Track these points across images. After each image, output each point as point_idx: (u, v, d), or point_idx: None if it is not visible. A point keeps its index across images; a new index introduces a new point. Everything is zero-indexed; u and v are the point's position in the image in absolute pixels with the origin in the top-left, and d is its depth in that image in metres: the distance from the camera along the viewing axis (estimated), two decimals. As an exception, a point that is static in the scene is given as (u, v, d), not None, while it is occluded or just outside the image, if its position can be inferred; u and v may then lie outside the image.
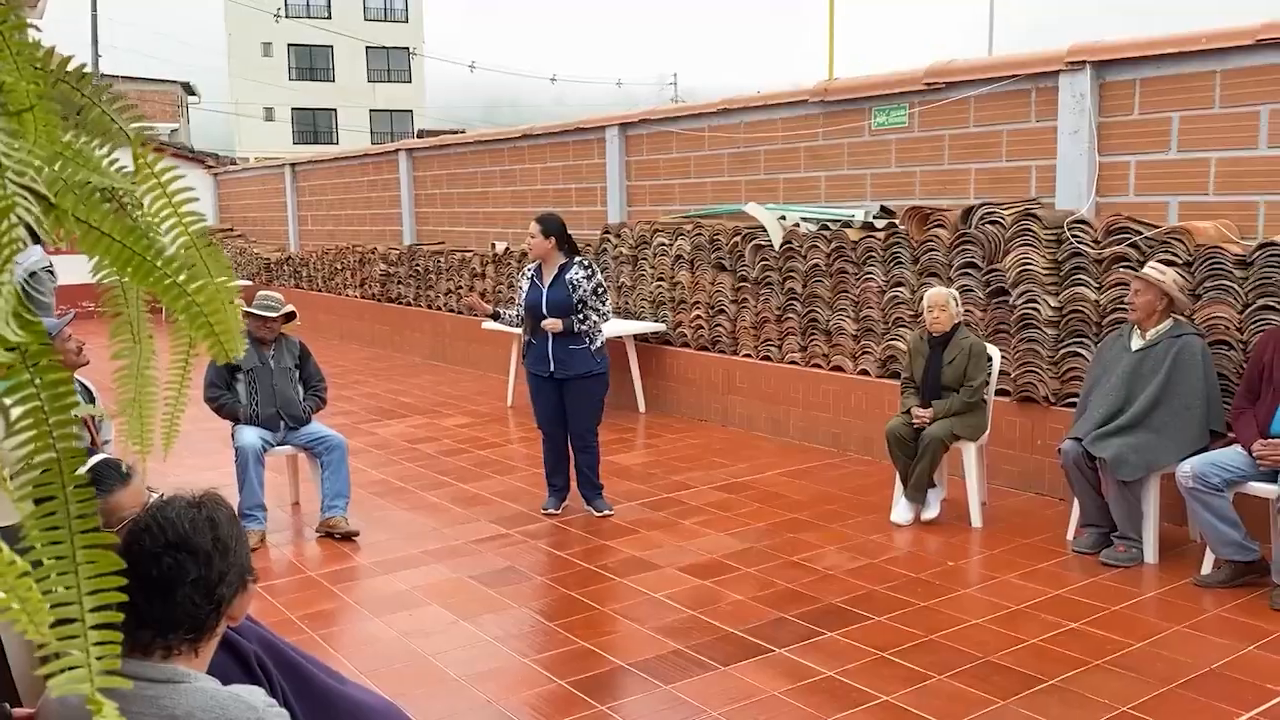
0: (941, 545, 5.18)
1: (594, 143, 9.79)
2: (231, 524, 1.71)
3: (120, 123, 0.79)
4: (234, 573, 1.68)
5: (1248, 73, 5.31)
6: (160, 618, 1.58)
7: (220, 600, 1.65)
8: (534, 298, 5.66)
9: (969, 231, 6.16)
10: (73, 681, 0.62)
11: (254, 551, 4.23)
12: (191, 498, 1.71)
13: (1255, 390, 4.62)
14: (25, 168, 0.57)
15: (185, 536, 1.64)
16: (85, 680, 0.63)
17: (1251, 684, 3.61)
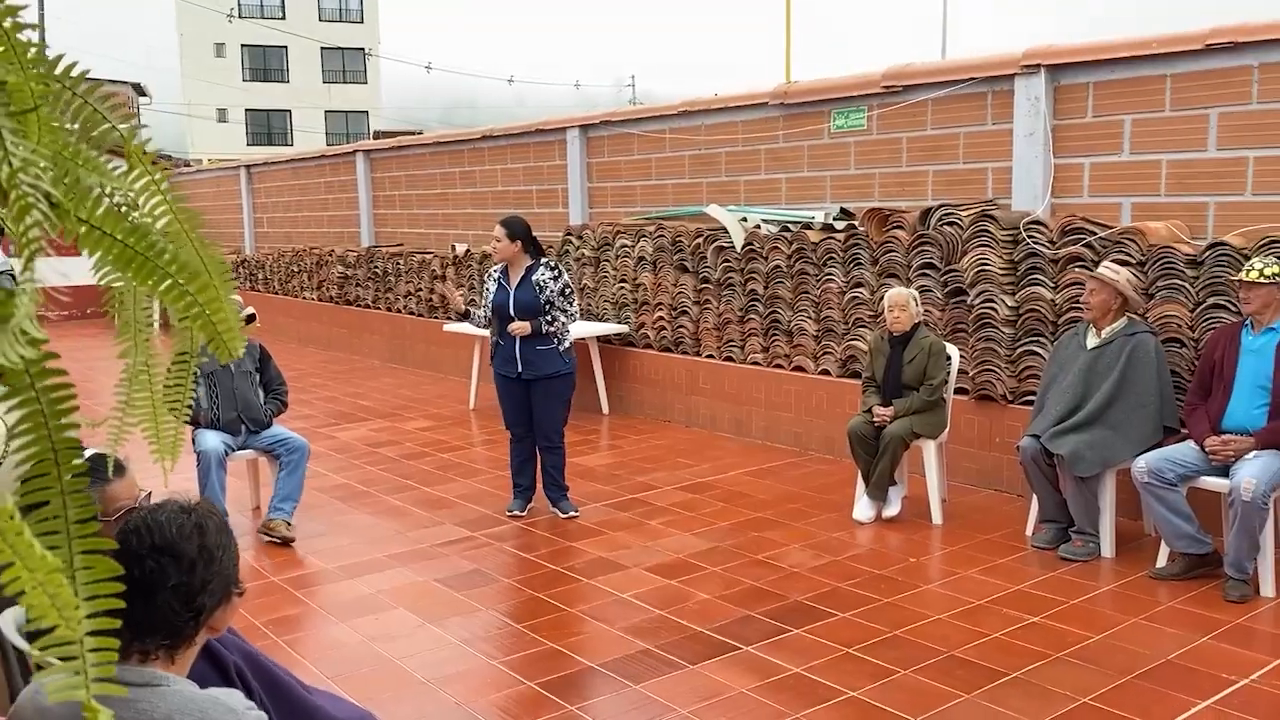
0: (903, 542, 5.24)
1: (555, 144, 9.79)
2: (220, 533, 1.70)
3: (113, 121, 0.79)
4: (217, 582, 1.67)
5: (1197, 77, 5.43)
6: (137, 621, 1.57)
7: (200, 609, 1.64)
8: (501, 299, 5.65)
9: (927, 233, 6.24)
10: (68, 688, 0.62)
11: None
12: (184, 503, 1.70)
13: (1207, 387, 4.73)
14: (32, 168, 0.57)
15: (171, 541, 1.62)
16: (81, 686, 0.63)
17: (1207, 673, 3.70)
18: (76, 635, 0.60)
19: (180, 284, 0.68)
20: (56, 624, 0.58)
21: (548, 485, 5.79)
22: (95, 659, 0.62)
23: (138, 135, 0.80)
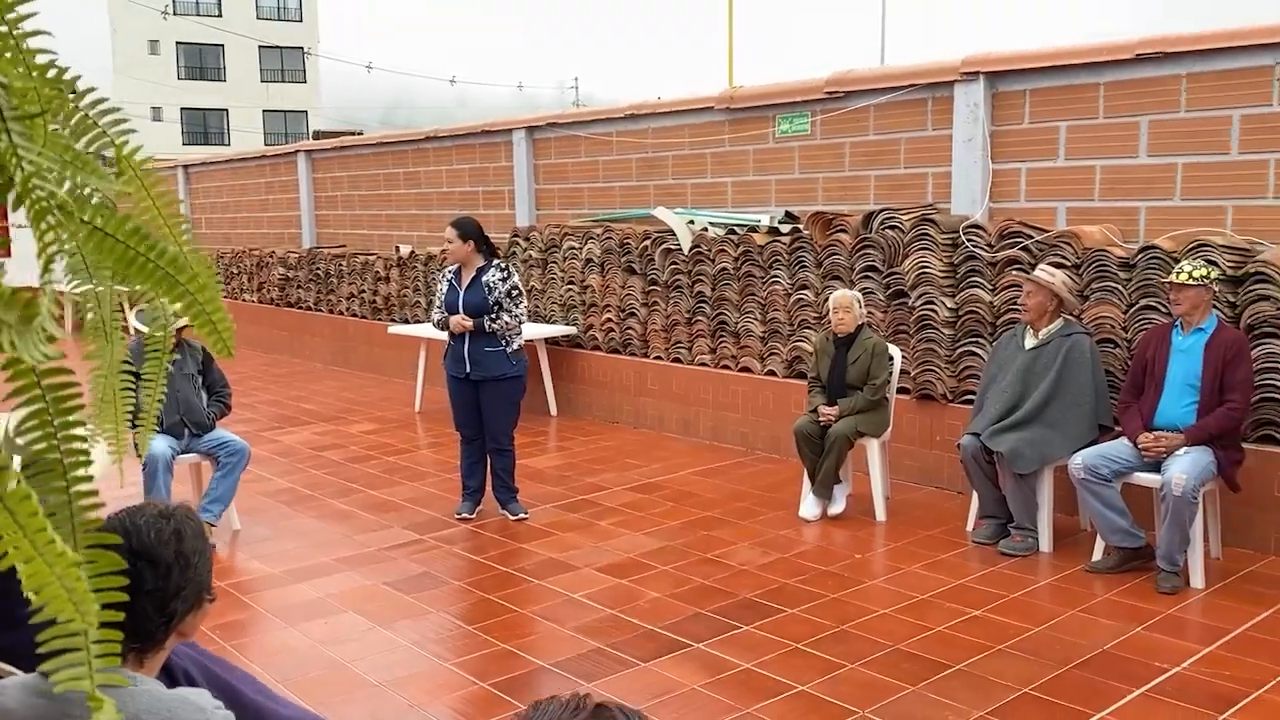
0: (849, 539, 5.34)
1: (501, 145, 9.78)
2: (197, 539, 1.70)
3: (103, 126, 0.81)
4: (191, 588, 1.67)
5: (1128, 85, 5.61)
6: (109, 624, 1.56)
7: (173, 614, 1.64)
8: (451, 299, 5.66)
9: (870, 236, 6.36)
10: (73, 679, 0.65)
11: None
12: (163, 508, 1.70)
13: (1139, 386, 4.89)
14: (43, 172, 0.58)
15: (149, 546, 1.62)
16: (85, 678, 0.65)
17: (1142, 662, 3.83)
18: (91, 628, 0.62)
19: (181, 283, 0.70)
20: (72, 618, 0.60)
21: (497, 488, 5.79)
22: (99, 650, 0.64)
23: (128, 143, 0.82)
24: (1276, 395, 4.85)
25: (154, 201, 0.82)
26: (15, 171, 0.56)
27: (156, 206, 0.83)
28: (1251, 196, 5.23)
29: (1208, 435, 4.59)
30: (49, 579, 0.58)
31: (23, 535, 0.56)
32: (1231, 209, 5.30)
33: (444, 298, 5.70)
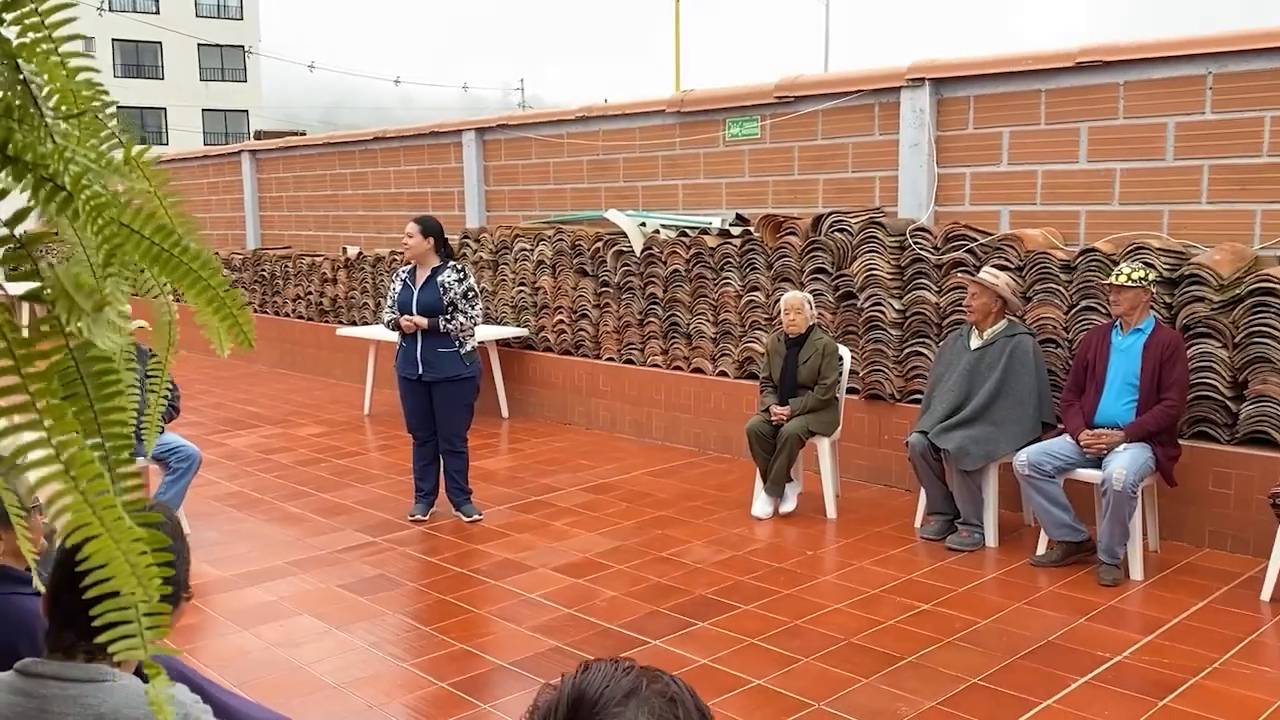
0: (800, 536, 5.42)
1: (450, 146, 9.75)
2: (175, 539, 1.70)
3: (112, 128, 0.83)
4: (171, 589, 1.67)
5: (1069, 92, 5.78)
6: (87, 624, 1.56)
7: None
8: (405, 299, 5.63)
9: (819, 239, 6.47)
10: (129, 648, 0.68)
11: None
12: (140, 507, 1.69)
13: (1081, 384, 5.04)
14: (91, 173, 0.61)
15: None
16: (139, 647, 0.68)
17: (1085, 652, 3.96)
18: (153, 600, 0.65)
19: (204, 278, 0.72)
20: (134, 590, 0.63)
21: (451, 489, 5.79)
22: (150, 622, 0.67)
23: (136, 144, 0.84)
24: (1211, 393, 5.03)
25: (161, 201, 0.85)
26: (63, 172, 0.59)
27: (164, 206, 0.85)
28: (1186, 201, 5.42)
29: (1146, 432, 4.74)
30: (115, 554, 0.60)
31: (92, 512, 0.58)
32: (1167, 213, 5.48)
33: (397, 297, 5.67)
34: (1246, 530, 4.89)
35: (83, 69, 0.67)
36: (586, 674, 1.08)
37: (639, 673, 1.09)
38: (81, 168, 0.61)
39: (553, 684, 1.10)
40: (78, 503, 0.59)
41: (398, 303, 5.65)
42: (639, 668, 1.09)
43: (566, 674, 1.09)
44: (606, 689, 1.05)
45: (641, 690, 1.05)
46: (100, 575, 0.64)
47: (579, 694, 1.05)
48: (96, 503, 0.59)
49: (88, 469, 0.59)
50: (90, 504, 0.59)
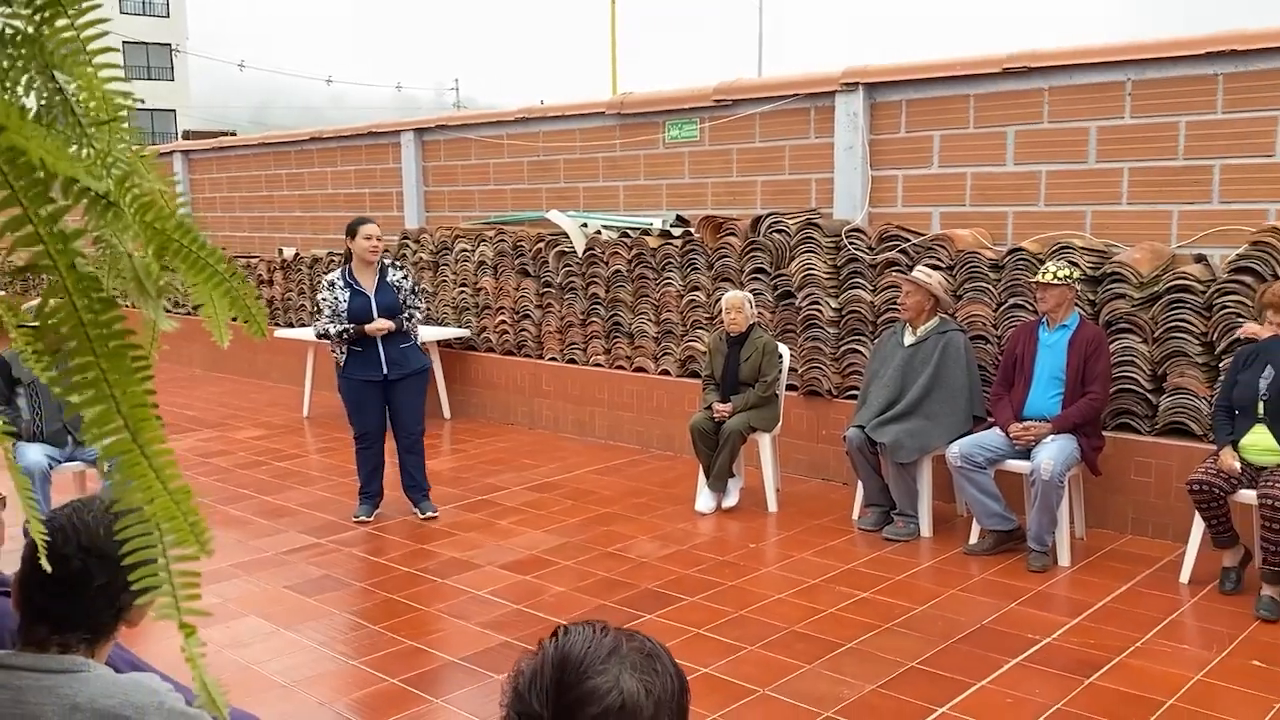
0: (743, 529, 5.54)
1: (388, 147, 9.71)
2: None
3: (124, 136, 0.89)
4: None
5: (996, 97, 5.98)
6: (61, 617, 1.59)
7: (122, 607, 1.67)
8: (361, 305, 5.57)
9: (758, 239, 6.60)
10: (165, 610, 0.74)
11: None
12: (111, 502, 1.71)
13: (1010, 379, 5.23)
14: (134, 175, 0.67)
15: (98, 542, 1.64)
16: (173, 609, 0.74)
17: (1016, 635, 4.13)
18: (208, 554, 0.72)
19: (221, 273, 0.79)
20: (193, 546, 0.69)
21: (410, 487, 5.83)
22: (183, 583, 0.74)
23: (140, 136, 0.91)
24: (1132, 386, 5.25)
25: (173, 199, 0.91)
26: (105, 176, 0.65)
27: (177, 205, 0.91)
28: (1107, 202, 5.65)
29: (1072, 424, 4.94)
30: (174, 513, 0.66)
31: (154, 475, 0.64)
32: (1090, 213, 5.71)
33: (347, 304, 5.57)
34: (1166, 516, 5.12)
35: (114, 77, 0.73)
36: (568, 637, 1.15)
37: (617, 633, 1.16)
38: (122, 171, 0.67)
39: (532, 650, 1.16)
40: (140, 467, 0.65)
41: (349, 310, 5.57)
42: (615, 629, 1.17)
43: (546, 640, 1.16)
44: (589, 650, 1.12)
45: (622, 649, 1.13)
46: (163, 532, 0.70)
47: (563, 656, 1.12)
48: (159, 467, 0.65)
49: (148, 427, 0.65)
50: (154, 467, 0.65)
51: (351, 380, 5.68)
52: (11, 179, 0.55)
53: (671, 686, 1.15)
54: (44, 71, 0.72)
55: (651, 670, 1.13)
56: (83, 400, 0.65)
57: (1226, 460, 4.41)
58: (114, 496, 0.73)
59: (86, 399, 0.65)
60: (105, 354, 0.64)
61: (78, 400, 0.65)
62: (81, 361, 0.63)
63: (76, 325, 0.62)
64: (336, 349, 5.70)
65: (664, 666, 1.14)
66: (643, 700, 1.11)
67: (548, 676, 1.13)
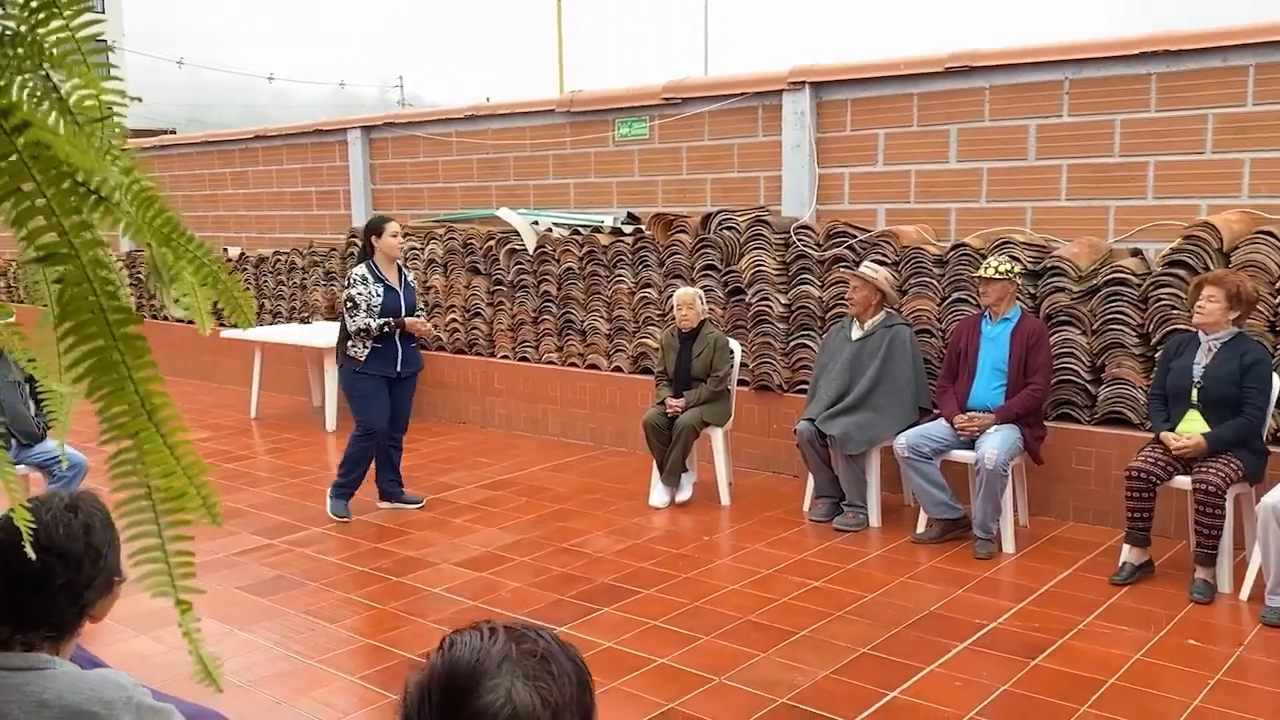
0: (696, 523, 5.61)
1: (335, 145, 9.64)
2: (105, 529, 1.72)
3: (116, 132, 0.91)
4: (102, 578, 1.70)
5: (939, 96, 6.11)
6: (23, 617, 1.59)
7: (85, 604, 1.67)
8: (394, 301, 5.69)
9: (708, 236, 6.67)
10: (159, 586, 0.77)
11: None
12: (70, 500, 1.70)
13: (954, 371, 5.36)
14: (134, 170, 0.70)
15: (59, 542, 1.63)
16: (168, 586, 0.77)
17: (963, 620, 4.24)
18: (218, 524, 0.75)
19: (208, 265, 0.82)
20: (205, 516, 0.73)
21: (393, 481, 5.97)
22: (178, 562, 0.77)
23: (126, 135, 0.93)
24: (1072, 377, 5.41)
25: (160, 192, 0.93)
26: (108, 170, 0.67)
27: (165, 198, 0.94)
28: (1047, 199, 5.80)
29: (1014, 414, 5.08)
30: (187, 487, 0.70)
31: (168, 450, 0.67)
32: (1030, 210, 5.86)
33: (381, 299, 5.64)
34: (1106, 504, 5.28)
35: (110, 77, 0.75)
36: (454, 649, 1.04)
37: (506, 637, 1.06)
38: (125, 166, 0.70)
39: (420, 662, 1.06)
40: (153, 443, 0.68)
41: (384, 305, 5.63)
42: (505, 630, 1.07)
43: (433, 651, 1.06)
44: (477, 661, 1.02)
45: (512, 655, 1.03)
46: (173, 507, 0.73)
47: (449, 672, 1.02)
48: (173, 445, 0.68)
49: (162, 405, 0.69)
50: (168, 444, 0.68)
51: (371, 376, 5.70)
52: (36, 173, 0.58)
53: (570, 689, 1.06)
54: (36, 70, 0.74)
55: (546, 674, 1.05)
56: (101, 381, 0.67)
57: (1171, 442, 4.54)
58: (113, 478, 0.76)
59: (105, 380, 0.67)
60: (121, 338, 0.67)
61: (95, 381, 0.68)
62: (101, 345, 0.66)
63: (97, 311, 0.64)
64: (359, 345, 5.67)
65: (560, 668, 1.06)
66: (538, 710, 1.03)
67: (435, 696, 1.03)
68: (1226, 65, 5.22)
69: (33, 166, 0.58)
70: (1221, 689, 3.61)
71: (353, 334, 5.65)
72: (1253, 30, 5.13)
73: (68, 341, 0.65)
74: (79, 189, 0.61)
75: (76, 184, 0.61)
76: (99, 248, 0.63)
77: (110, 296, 0.65)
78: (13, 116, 0.58)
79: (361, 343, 5.67)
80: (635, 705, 3.58)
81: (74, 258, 0.62)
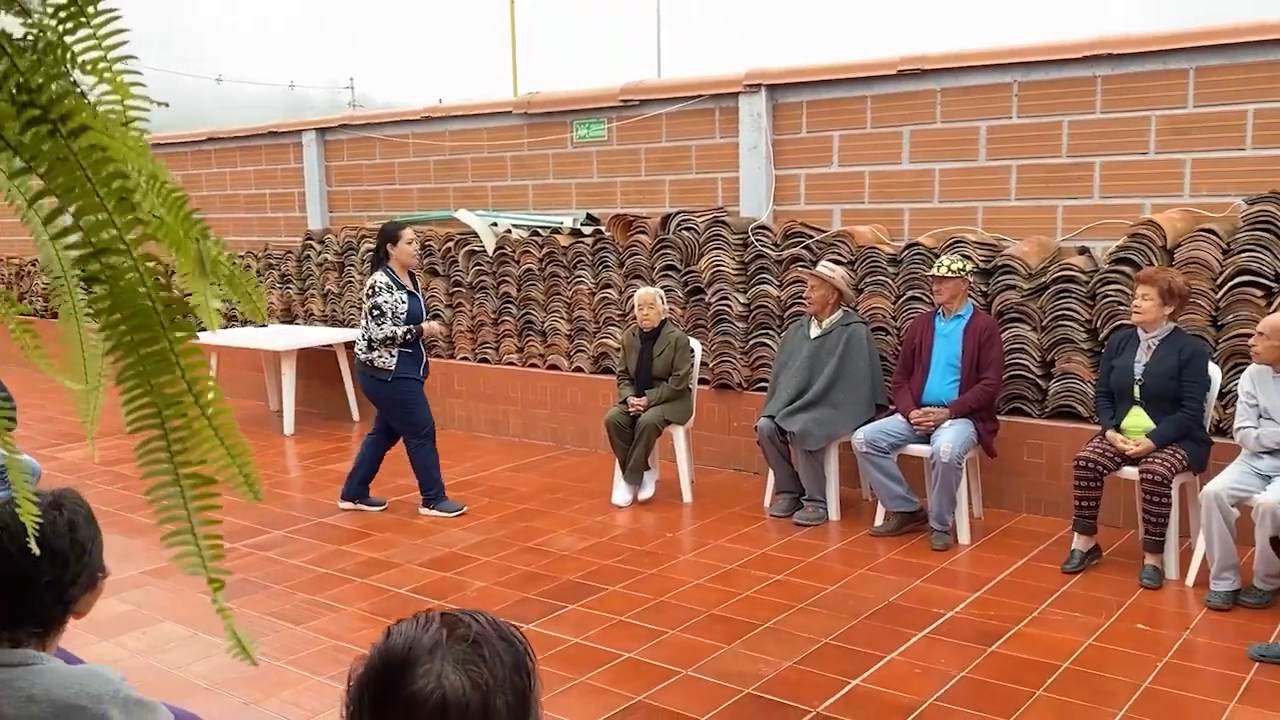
0: (659, 520, 5.68)
1: (289, 147, 9.58)
2: (89, 525, 1.74)
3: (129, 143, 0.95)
4: (86, 574, 1.71)
5: (892, 98, 6.23)
6: (9, 614, 1.61)
7: (70, 600, 1.69)
8: (416, 307, 5.81)
9: (668, 237, 6.74)
10: (191, 567, 0.82)
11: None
12: (53, 497, 1.71)
13: (909, 368, 5.48)
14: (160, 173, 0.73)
15: (44, 539, 1.64)
16: (199, 565, 0.82)
17: (921, 610, 4.34)
18: (259, 500, 0.80)
19: (224, 263, 0.86)
20: (248, 494, 0.77)
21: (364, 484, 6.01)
22: (208, 544, 0.81)
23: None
24: (1024, 372, 5.55)
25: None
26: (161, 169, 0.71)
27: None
28: (997, 199, 5.95)
29: (968, 409, 5.21)
30: (230, 464, 0.74)
31: (214, 432, 0.71)
32: (981, 209, 6.00)
33: (406, 306, 5.71)
34: (1057, 495, 5.42)
35: (135, 82, 0.79)
36: (390, 639, 1.10)
37: (440, 624, 1.10)
38: (152, 169, 0.74)
39: (363, 655, 1.12)
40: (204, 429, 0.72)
41: (409, 312, 5.71)
42: (440, 618, 1.11)
43: (376, 642, 1.12)
44: (410, 649, 1.07)
45: (444, 642, 1.08)
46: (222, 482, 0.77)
47: (384, 660, 1.08)
48: (220, 429, 0.73)
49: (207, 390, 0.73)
50: (215, 428, 0.72)
51: (409, 380, 5.79)
52: (91, 174, 0.62)
53: (502, 670, 1.09)
54: (56, 74, 0.78)
55: (477, 658, 1.07)
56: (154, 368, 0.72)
57: (1118, 444, 4.70)
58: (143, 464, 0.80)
59: (158, 367, 0.71)
60: (170, 328, 0.71)
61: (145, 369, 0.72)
62: (153, 334, 0.70)
63: (147, 304, 0.68)
64: (385, 355, 5.70)
65: (492, 650, 1.08)
66: (468, 693, 1.06)
67: (371, 685, 1.08)
68: (1167, 69, 5.39)
69: (88, 168, 0.62)
70: (1170, 670, 3.74)
71: (378, 342, 5.69)
72: (1192, 35, 5.31)
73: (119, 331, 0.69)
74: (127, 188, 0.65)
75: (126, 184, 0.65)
76: (147, 241, 0.67)
77: (159, 289, 0.69)
78: (71, 121, 0.62)
79: (388, 351, 5.69)
80: (603, 699, 3.63)
81: (126, 253, 0.66)
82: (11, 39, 0.68)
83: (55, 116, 0.64)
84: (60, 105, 0.65)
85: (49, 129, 0.64)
